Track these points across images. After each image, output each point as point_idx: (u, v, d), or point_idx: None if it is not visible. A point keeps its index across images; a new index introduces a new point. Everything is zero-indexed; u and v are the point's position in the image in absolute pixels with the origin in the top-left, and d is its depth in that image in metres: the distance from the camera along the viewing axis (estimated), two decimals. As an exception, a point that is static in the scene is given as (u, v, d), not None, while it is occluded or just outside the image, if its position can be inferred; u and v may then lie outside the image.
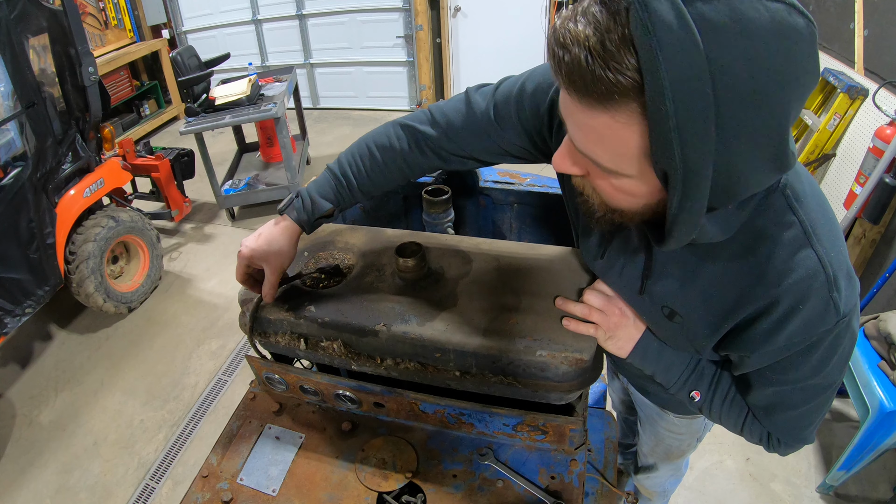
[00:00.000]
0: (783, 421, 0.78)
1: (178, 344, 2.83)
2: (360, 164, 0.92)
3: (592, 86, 0.47)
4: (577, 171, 0.61)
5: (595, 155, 0.55)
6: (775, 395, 0.75)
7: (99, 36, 4.92)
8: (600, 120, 0.50)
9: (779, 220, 0.63)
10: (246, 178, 3.97)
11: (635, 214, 0.61)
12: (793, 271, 0.62)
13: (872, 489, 1.94)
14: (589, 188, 0.62)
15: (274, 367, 1.02)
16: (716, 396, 0.83)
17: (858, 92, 2.45)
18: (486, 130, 0.84)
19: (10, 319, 2.39)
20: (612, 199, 0.60)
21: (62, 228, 2.59)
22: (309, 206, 0.91)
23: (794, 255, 0.62)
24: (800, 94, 0.48)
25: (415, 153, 0.89)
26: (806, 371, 0.69)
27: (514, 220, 1.30)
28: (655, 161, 0.50)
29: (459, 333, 0.84)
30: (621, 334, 0.83)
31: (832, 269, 0.62)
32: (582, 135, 0.54)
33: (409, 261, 0.92)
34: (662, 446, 1.30)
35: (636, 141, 0.50)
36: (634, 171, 0.53)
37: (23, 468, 2.22)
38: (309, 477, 0.93)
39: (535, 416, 0.88)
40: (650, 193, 0.56)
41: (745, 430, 0.84)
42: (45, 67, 2.46)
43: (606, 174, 0.57)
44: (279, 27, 5.46)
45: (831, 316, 0.63)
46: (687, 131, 0.45)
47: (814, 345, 0.66)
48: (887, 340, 1.73)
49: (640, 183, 0.55)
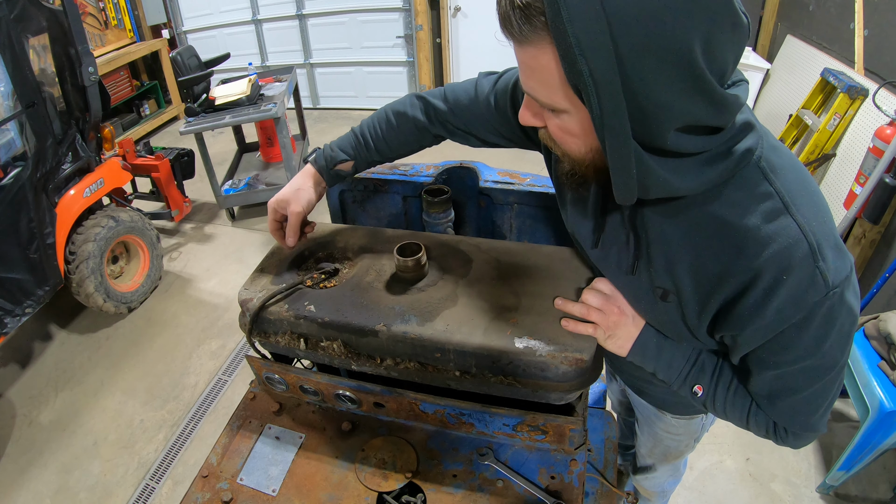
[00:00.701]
0: (787, 408, 0.76)
1: (178, 344, 2.83)
2: (377, 127, 1.02)
3: (512, 19, 0.55)
4: (537, 121, 0.67)
5: (534, 91, 0.61)
6: (775, 379, 0.73)
7: (99, 36, 4.92)
8: (527, 53, 0.57)
9: (754, 192, 0.64)
10: (246, 178, 3.97)
11: (587, 161, 0.66)
12: (772, 241, 0.62)
13: (872, 489, 1.94)
14: (549, 139, 0.68)
15: (274, 367, 1.02)
16: (718, 389, 0.82)
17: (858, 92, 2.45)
18: (486, 114, 0.95)
19: (10, 319, 2.39)
20: (563, 145, 0.66)
21: (62, 228, 2.59)
22: (329, 155, 1.02)
23: (770, 223, 0.63)
24: (704, 27, 0.51)
25: (425, 122, 1.00)
26: (802, 350, 0.68)
27: (514, 220, 1.30)
28: (569, 81, 0.55)
29: (459, 333, 0.84)
30: (620, 333, 0.83)
31: (815, 238, 0.62)
32: (523, 75, 0.61)
33: (409, 261, 0.92)
34: (660, 447, 1.30)
35: (554, 66, 0.56)
36: (564, 102, 0.59)
37: (23, 468, 2.22)
38: (309, 477, 0.93)
39: (535, 416, 0.88)
40: (585, 131, 0.61)
41: (750, 422, 0.83)
42: (45, 67, 2.46)
43: (551, 115, 0.63)
44: (279, 27, 5.46)
45: (819, 287, 0.62)
46: (585, 44, 0.51)
47: (806, 319, 0.65)
48: (887, 340, 1.73)
49: (575, 119, 0.61)
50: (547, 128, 0.66)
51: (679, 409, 1.14)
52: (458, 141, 1.04)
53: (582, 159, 0.66)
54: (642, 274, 0.76)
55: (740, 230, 0.64)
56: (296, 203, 0.98)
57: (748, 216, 0.64)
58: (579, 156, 0.66)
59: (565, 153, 0.68)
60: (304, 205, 0.99)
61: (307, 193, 1.00)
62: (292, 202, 0.98)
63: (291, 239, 0.99)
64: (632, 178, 0.59)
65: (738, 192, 0.64)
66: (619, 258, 0.80)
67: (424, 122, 1.00)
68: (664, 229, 0.71)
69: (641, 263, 0.76)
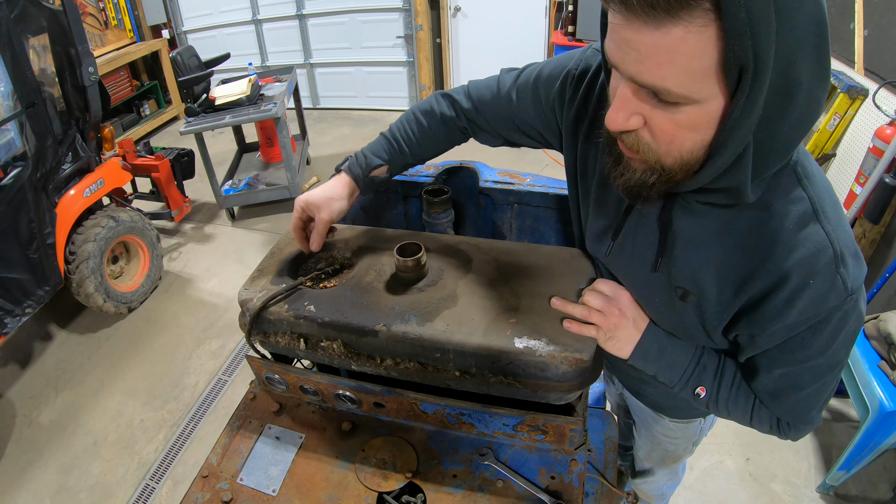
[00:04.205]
0: (791, 404, 0.78)
1: (178, 344, 2.83)
2: (407, 128, 1.02)
3: None
4: (634, 123, 0.58)
5: (665, 81, 0.52)
6: (783, 377, 0.74)
7: (99, 36, 4.92)
8: (673, 34, 0.49)
9: (788, 196, 0.64)
10: (246, 178, 3.97)
11: (691, 161, 0.59)
12: (801, 246, 0.63)
13: (872, 489, 1.94)
14: (643, 142, 0.60)
15: (274, 367, 1.02)
16: (721, 388, 0.82)
17: (858, 92, 2.45)
18: (507, 109, 0.94)
19: (10, 319, 2.40)
20: (671, 144, 0.58)
21: (62, 228, 2.59)
22: (363, 162, 1.01)
23: (802, 230, 0.63)
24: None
25: (452, 115, 1.01)
26: (813, 350, 0.69)
27: (514, 220, 1.30)
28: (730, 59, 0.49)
29: (459, 333, 0.84)
30: (621, 335, 0.82)
31: (839, 246, 0.63)
32: (649, 63, 0.52)
33: (409, 261, 0.92)
34: (659, 451, 1.30)
35: (711, 47, 0.49)
36: (706, 89, 0.52)
37: (23, 468, 2.22)
38: (309, 477, 0.93)
39: (535, 416, 0.88)
40: (710, 123, 0.55)
41: (754, 418, 0.83)
42: (45, 67, 2.46)
43: (669, 111, 0.55)
44: (279, 27, 5.46)
45: (839, 292, 0.64)
46: (756, 18, 0.46)
47: (822, 322, 0.66)
48: (887, 340, 1.73)
49: (705, 109, 0.54)
50: (647, 127, 0.59)
51: (677, 413, 1.14)
52: (480, 140, 1.04)
53: (685, 160, 0.59)
54: (663, 272, 0.76)
55: (773, 233, 0.65)
56: (326, 211, 0.97)
57: (782, 220, 0.64)
58: (685, 156, 0.59)
59: (659, 159, 0.60)
60: (335, 214, 0.99)
61: (339, 203, 0.99)
62: (323, 209, 0.97)
63: (315, 245, 0.99)
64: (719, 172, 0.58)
65: (774, 195, 0.64)
66: (639, 255, 0.79)
67: (451, 116, 1.00)
68: (694, 229, 0.70)
69: (664, 262, 0.75)
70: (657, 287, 0.78)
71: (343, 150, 4.85)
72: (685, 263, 0.73)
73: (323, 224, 0.97)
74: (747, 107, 0.51)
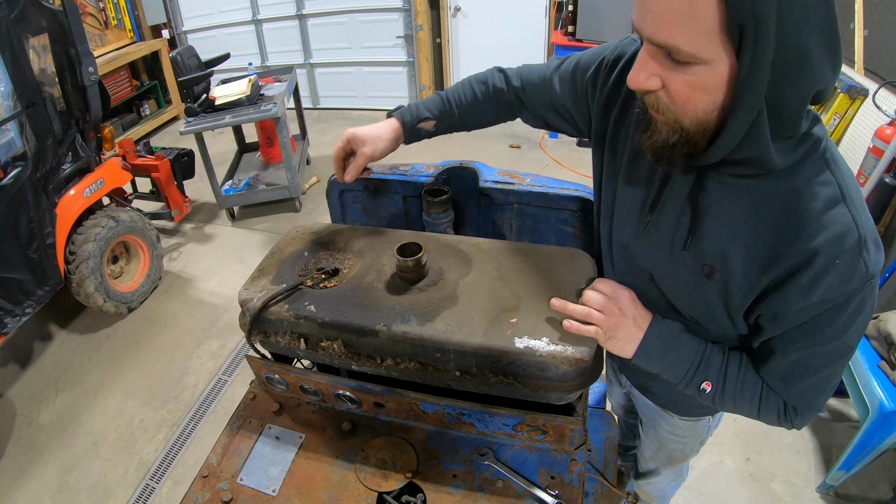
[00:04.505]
0: (802, 389, 0.79)
1: (178, 344, 2.83)
2: (461, 93, 1.08)
3: None
4: (652, 83, 0.64)
5: (675, 39, 0.58)
6: (797, 361, 0.76)
7: (99, 36, 4.92)
8: None
9: (818, 178, 0.67)
10: (246, 178, 3.97)
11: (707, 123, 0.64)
12: (830, 227, 0.66)
13: (872, 489, 1.94)
14: (663, 103, 0.65)
15: (274, 367, 1.02)
16: (727, 382, 0.83)
17: (858, 92, 2.45)
18: (549, 93, 1.01)
19: (10, 319, 2.40)
20: (686, 105, 0.63)
21: (62, 228, 2.59)
22: (414, 112, 1.07)
23: (829, 210, 0.66)
24: None
25: (503, 87, 1.06)
26: (831, 333, 0.71)
27: (514, 220, 1.30)
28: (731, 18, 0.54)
29: (459, 333, 0.84)
30: (621, 334, 0.82)
31: (864, 231, 0.66)
32: (662, 23, 0.58)
33: (409, 261, 0.92)
34: (665, 451, 1.29)
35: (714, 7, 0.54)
36: (712, 50, 0.57)
37: (23, 468, 2.22)
38: (309, 477, 0.93)
39: (535, 416, 0.88)
40: (720, 85, 0.60)
41: (761, 408, 0.83)
42: (45, 67, 2.46)
43: (683, 71, 0.60)
44: (279, 27, 5.46)
45: (862, 275, 0.66)
46: None
47: (843, 304, 0.69)
48: (887, 340, 1.73)
49: (713, 70, 0.59)
50: (664, 89, 0.64)
51: (687, 411, 1.14)
52: (523, 118, 1.10)
53: (701, 121, 0.64)
54: (691, 250, 0.77)
55: (803, 213, 0.67)
56: (370, 147, 1.04)
57: (811, 201, 0.67)
58: (700, 116, 0.63)
59: (678, 119, 0.65)
60: (377, 152, 1.05)
61: (383, 143, 1.05)
62: (368, 144, 1.04)
63: (351, 176, 1.05)
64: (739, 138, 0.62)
65: (804, 177, 0.68)
66: (668, 233, 0.80)
67: (503, 89, 1.06)
68: (725, 206, 0.73)
69: (694, 240, 0.77)
70: (684, 266, 0.79)
71: (343, 150, 4.85)
72: (714, 241, 0.75)
73: (364, 158, 1.04)
74: (752, 70, 0.56)
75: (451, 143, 4.77)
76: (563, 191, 1.21)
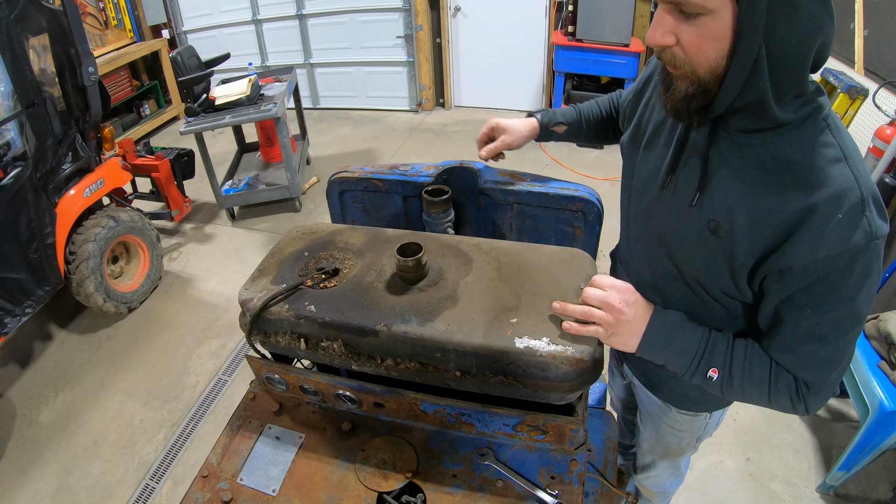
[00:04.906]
0: (814, 361, 0.79)
1: (178, 344, 2.83)
2: (590, 109, 1.26)
3: None
4: (668, 39, 0.71)
5: None
6: (807, 331, 0.77)
7: (99, 36, 4.92)
8: None
9: (819, 139, 0.72)
10: (246, 178, 3.97)
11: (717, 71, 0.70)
12: (831, 183, 0.70)
13: (872, 489, 1.94)
14: (679, 57, 0.72)
15: (274, 367, 1.02)
16: (734, 366, 0.83)
17: (858, 92, 2.45)
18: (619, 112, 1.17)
19: (10, 319, 2.39)
20: (699, 54, 0.70)
21: (62, 228, 2.59)
22: (551, 115, 1.24)
23: (831, 168, 0.71)
24: None
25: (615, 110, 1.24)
26: (839, 298, 0.73)
27: (514, 220, 1.30)
28: None
29: (460, 333, 0.84)
30: (623, 329, 0.83)
31: (866, 192, 0.69)
32: None
33: (410, 261, 0.92)
34: (662, 444, 1.31)
35: None
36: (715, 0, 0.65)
37: (23, 468, 2.22)
38: (309, 477, 0.93)
39: (535, 416, 0.88)
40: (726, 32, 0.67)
41: (772, 391, 0.83)
42: (45, 67, 2.45)
43: (693, 23, 0.68)
44: (279, 27, 5.46)
45: (866, 232, 0.69)
46: None
47: (849, 265, 0.70)
48: (887, 340, 1.73)
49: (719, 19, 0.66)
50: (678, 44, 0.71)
51: (686, 404, 1.15)
52: None
53: (713, 68, 0.70)
54: (698, 207, 0.81)
55: (804, 169, 0.71)
56: (510, 136, 1.20)
57: (814, 160, 0.71)
58: (713, 64, 0.70)
59: (694, 69, 0.72)
60: (515, 142, 1.21)
61: (520, 135, 1.21)
62: (509, 133, 1.20)
63: (486, 154, 1.22)
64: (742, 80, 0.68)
65: (806, 137, 0.73)
66: (682, 192, 0.85)
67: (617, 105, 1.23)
68: (733, 163, 0.78)
69: (702, 197, 0.81)
70: (692, 224, 0.83)
71: (343, 150, 4.86)
72: (721, 197, 0.78)
73: (503, 144, 1.20)
74: (749, 13, 0.64)
75: (452, 143, 4.77)
76: (563, 191, 1.21)
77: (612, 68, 4.33)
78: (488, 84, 5.33)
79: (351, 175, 1.33)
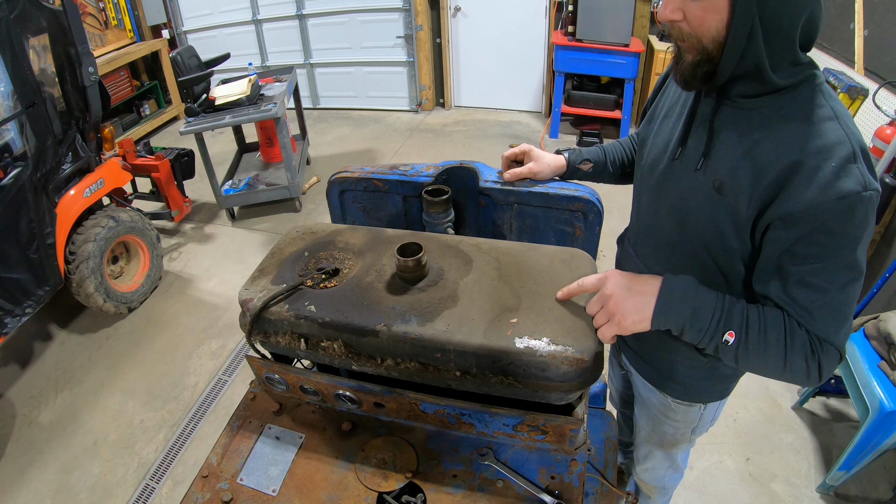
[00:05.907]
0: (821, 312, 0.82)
1: (178, 344, 2.83)
2: (615, 148, 1.31)
3: None
4: (676, 15, 0.81)
5: None
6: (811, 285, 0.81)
7: (99, 36, 4.92)
8: None
9: (813, 102, 0.80)
10: (246, 178, 3.97)
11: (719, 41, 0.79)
12: (824, 136, 0.77)
13: (872, 489, 1.94)
14: (685, 31, 0.81)
15: (274, 367, 1.02)
16: (750, 327, 0.82)
17: (858, 92, 2.45)
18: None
19: (10, 319, 2.39)
20: (703, 26, 0.79)
21: (62, 228, 2.59)
22: (578, 154, 1.29)
23: (823, 123, 0.78)
24: None
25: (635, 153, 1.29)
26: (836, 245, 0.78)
27: (514, 220, 1.30)
28: None
29: (460, 333, 0.84)
30: (627, 307, 0.83)
31: (856, 146, 0.76)
32: None
33: (410, 261, 0.92)
34: (658, 433, 1.32)
35: None
36: None
37: (23, 468, 2.22)
38: (309, 477, 0.93)
39: (535, 416, 0.88)
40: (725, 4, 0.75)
41: (788, 349, 0.82)
42: (45, 67, 2.46)
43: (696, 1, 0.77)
44: (279, 27, 5.46)
45: (857, 180, 0.74)
46: None
47: (846, 213, 0.75)
48: (887, 340, 1.73)
49: None
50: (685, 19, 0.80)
51: (682, 394, 1.17)
52: None
53: (715, 37, 0.79)
54: (705, 170, 0.89)
55: (799, 124, 0.79)
56: (538, 165, 1.23)
57: (808, 117, 0.79)
58: (714, 34, 0.79)
59: (699, 40, 0.80)
60: (540, 174, 1.24)
61: (547, 170, 1.24)
62: (538, 162, 1.23)
63: (509, 177, 1.24)
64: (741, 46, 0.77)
65: (801, 98, 0.81)
66: (690, 159, 0.93)
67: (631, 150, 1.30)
68: (735, 126, 0.86)
69: (707, 161, 0.89)
70: (699, 186, 0.90)
71: (343, 150, 4.86)
72: (725, 157, 0.86)
73: (529, 171, 1.23)
74: None
75: (452, 144, 4.77)
76: (563, 191, 1.21)
77: (611, 68, 4.33)
78: (488, 84, 5.33)
79: (351, 175, 1.33)
